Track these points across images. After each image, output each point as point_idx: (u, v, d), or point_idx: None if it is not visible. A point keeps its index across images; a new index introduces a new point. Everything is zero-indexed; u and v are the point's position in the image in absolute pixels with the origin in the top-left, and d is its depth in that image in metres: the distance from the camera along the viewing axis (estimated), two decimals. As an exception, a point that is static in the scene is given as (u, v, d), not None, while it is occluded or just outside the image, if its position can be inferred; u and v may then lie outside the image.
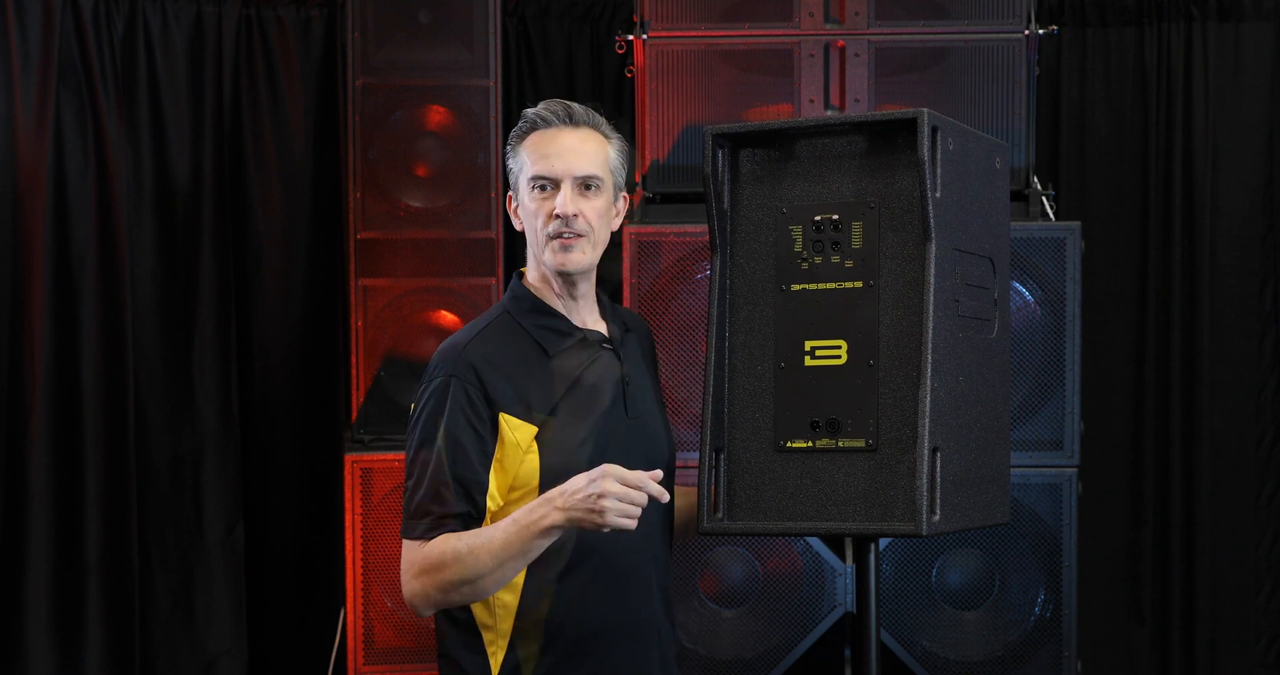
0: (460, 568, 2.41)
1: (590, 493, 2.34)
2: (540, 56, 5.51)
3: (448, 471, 2.46)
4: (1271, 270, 5.38)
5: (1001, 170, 2.69)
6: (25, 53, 4.94)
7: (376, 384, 4.72)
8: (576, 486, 2.37)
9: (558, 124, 2.59)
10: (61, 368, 4.98)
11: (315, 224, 5.30)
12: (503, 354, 2.53)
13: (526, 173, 2.59)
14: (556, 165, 2.56)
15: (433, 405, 2.50)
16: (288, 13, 5.27)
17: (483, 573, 2.41)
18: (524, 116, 2.62)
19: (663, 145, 4.47)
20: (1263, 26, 5.37)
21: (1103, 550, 5.32)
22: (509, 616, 2.50)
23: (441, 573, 2.43)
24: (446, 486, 2.46)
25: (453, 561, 2.42)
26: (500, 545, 2.40)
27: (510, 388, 2.50)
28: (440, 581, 2.43)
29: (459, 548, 2.42)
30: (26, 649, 4.92)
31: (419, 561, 2.45)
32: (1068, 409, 4.22)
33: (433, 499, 2.46)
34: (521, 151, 2.60)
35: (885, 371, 2.47)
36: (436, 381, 2.51)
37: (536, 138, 2.59)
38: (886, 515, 2.45)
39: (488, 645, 2.51)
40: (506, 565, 2.41)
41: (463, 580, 2.42)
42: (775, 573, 4.31)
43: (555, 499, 2.39)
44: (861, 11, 4.45)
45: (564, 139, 2.58)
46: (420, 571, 2.45)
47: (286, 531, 5.32)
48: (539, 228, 2.58)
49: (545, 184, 2.57)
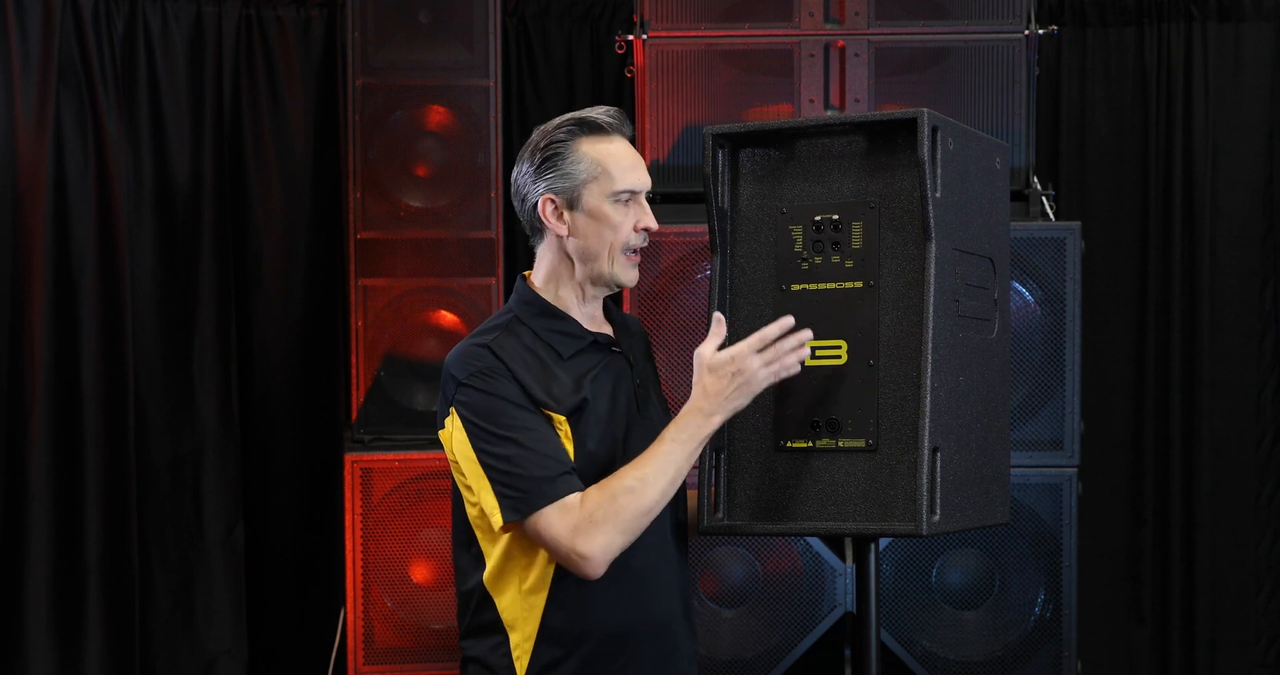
0: (638, 501, 2.40)
1: (738, 383, 2.41)
2: (540, 56, 5.51)
3: (536, 440, 2.43)
4: (1271, 270, 5.38)
5: (1001, 170, 2.69)
6: (25, 53, 4.94)
7: (376, 384, 4.72)
8: (717, 388, 2.41)
9: (621, 131, 2.55)
10: (61, 368, 4.99)
11: (315, 224, 5.30)
12: (521, 354, 2.51)
13: (610, 182, 2.51)
14: (642, 178, 2.54)
15: (483, 397, 2.46)
16: (288, 13, 5.27)
17: (660, 497, 2.42)
18: (584, 119, 2.53)
19: (663, 145, 4.47)
20: (1263, 26, 5.37)
21: (1103, 550, 5.32)
22: (535, 619, 2.49)
23: (621, 515, 2.39)
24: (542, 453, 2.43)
25: (628, 501, 2.40)
26: (672, 464, 2.42)
27: (538, 383, 2.49)
28: (622, 524, 2.40)
29: (629, 484, 2.41)
30: (26, 649, 4.93)
31: (584, 517, 2.40)
32: (1068, 409, 4.22)
33: (539, 466, 2.42)
34: (586, 157, 2.52)
35: (885, 371, 2.47)
36: (477, 378, 2.46)
37: (605, 144, 2.53)
38: (886, 515, 2.45)
39: (513, 648, 2.50)
40: (676, 481, 2.44)
41: (644, 512, 2.41)
42: (775, 573, 4.31)
43: (703, 406, 2.42)
44: (861, 11, 4.45)
45: (631, 148, 2.55)
46: (595, 525, 2.39)
47: (286, 531, 5.32)
48: (619, 240, 2.53)
49: (632, 195, 2.54)
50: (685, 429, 2.43)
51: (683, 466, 2.44)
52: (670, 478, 2.43)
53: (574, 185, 2.52)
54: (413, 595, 4.69)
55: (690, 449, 2.44)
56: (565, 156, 2.52)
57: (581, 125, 2.52)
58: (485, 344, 2.50)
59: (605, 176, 2.51)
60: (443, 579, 4.70)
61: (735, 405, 2.43)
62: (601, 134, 2.53)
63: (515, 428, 2.44)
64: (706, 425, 2.43)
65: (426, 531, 4.68)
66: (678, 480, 2.44)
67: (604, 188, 2.51)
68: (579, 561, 2.40)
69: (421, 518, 4.68)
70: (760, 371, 2.42)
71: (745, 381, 2.41)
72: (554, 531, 2.41)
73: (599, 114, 2.53)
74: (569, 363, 2.53)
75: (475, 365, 2.48)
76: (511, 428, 2.44)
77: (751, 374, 2.41)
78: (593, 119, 2.53)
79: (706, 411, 2.43)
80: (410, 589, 4.69)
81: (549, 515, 2.41)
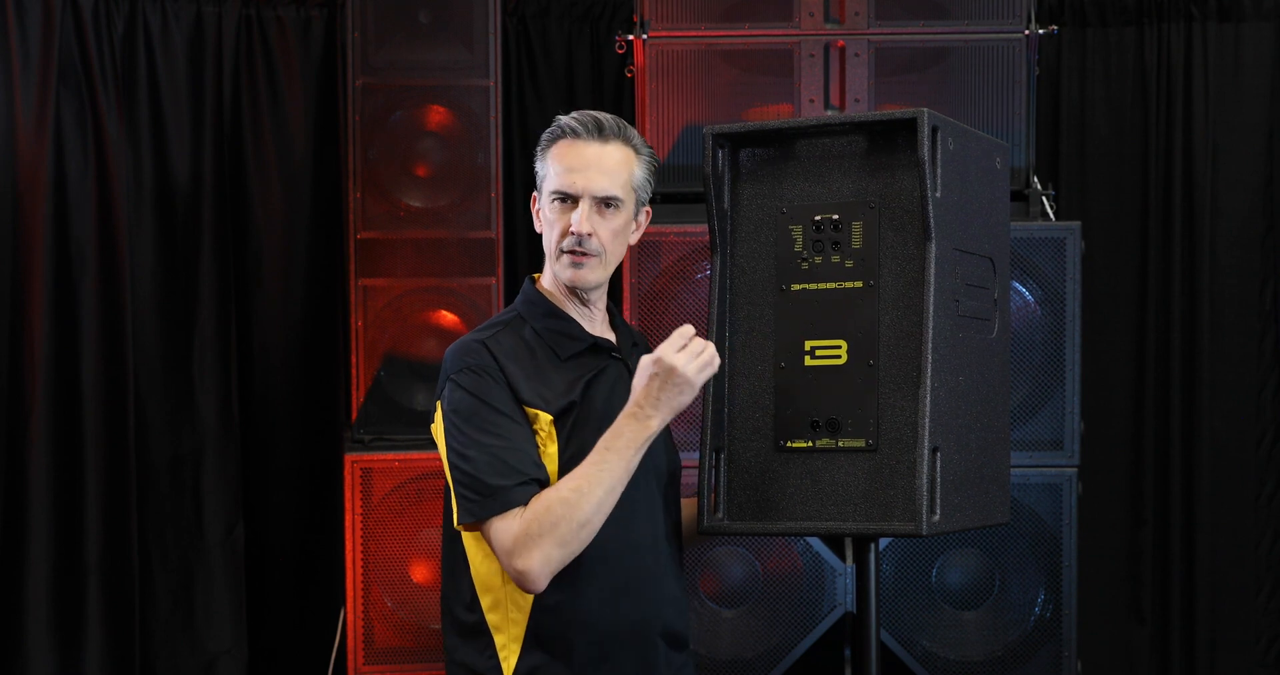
0: (574, 513, 2.38)
1: (669, 382, 2.40)
2: (540, 56, 5.51)
3: (505, 448, 2.43)
4: (1271, 270, 5.38)
5: (1001, 170, 2.69)
6: (25, 53, 4.94)
7: (376, 384, 4.72)
8: (647, 389, 2.41)
9: (585, 136, 2.55)
10: (61, 368, 4.98)
11: (315, 224, 5.30)
12: (518, 352, 2.53)
13: (549, 183, 2.56)
14: (578, 181, 2.53)
15: (466, 396, 2.47)
16: (288, 13, 5.27)
17: (596, 509, 2.39)
18: (556, 122, 2.58)
19: (663, 145, 4.47)
20: (1263, 26, 5.37)
21: (1103, 550, 5.32)
22: (522, 621, 2.49)
23: (557, 528, 2.37)
24: (507, 461, 2.42)
25: (564, 512, 2.38)
26: (609, 474, 2.39)
27: (528, 382, 2.50)
28: (559, 537, 2.38)
29: (563, 496, 2.39)
30: (26, 649, 4.92)
31: (521, 530, 2.38)
32: (1068, 409, 4.22)
33: (500, 474, 2.42)
34: (548, 159, 2.58)
35: (885, 371, 2.47)
36: (464, 375, 2.48)
37: (564, 148, 2.56)
38: (886, 515, 2.45)
39: (499, 650, 2.50)
40: (615, 491, 2.41)
41: (580, 524, 2.38)
42: (775, 573, 4.31)
43: (636, 411, 2.41)
44: (861, 11, 4.45)
45: (589, 153, 2.55)
46: (530, 538, 2.38)
47: (286, 531, 5.32)
48: (554, 240, 2.56)
49: (565, 197, 2.55)
50: (620, 436, 2.42)
51: (620, 476, 2.41)
52: (607, 487, 2.40)
53: (539, 185, 2.61)
54: (413, 595, 4.69)
55: (628, 456, 2.41)
56: (540, 158, 2.60)
57: (554, 128, 2.59)
58: (482, 340, 2.53)
59: (550, 177, 2.57)
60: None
61: (674, 404, 2.42)
62: (565, 138, 2.57)
63: (488, 433, 2.44)
64: (644, 429, 2.42)
65: (426, 531, 4.68)
66: (616, 490, 2.41)
67: (547, 188, 2.57)
68: (518, 577, 2.40)
69: (421, 518, 4.68)
70: (687, 366, 2.41)
71: (676, 380, 2.40)
72: (497, 542, 2.41)
73: (570, 117, 2.58)
74: (566, 364, 2.55)
75: (466, 361, 2.50)
76: (485, 432, 2.44)
77: (679, 370, 2.40)
78: (563, 122, 2.58)
79: (640, 416, 2.42)
80: (410, 589, 4.69)
81: (497, 525, 2.41)
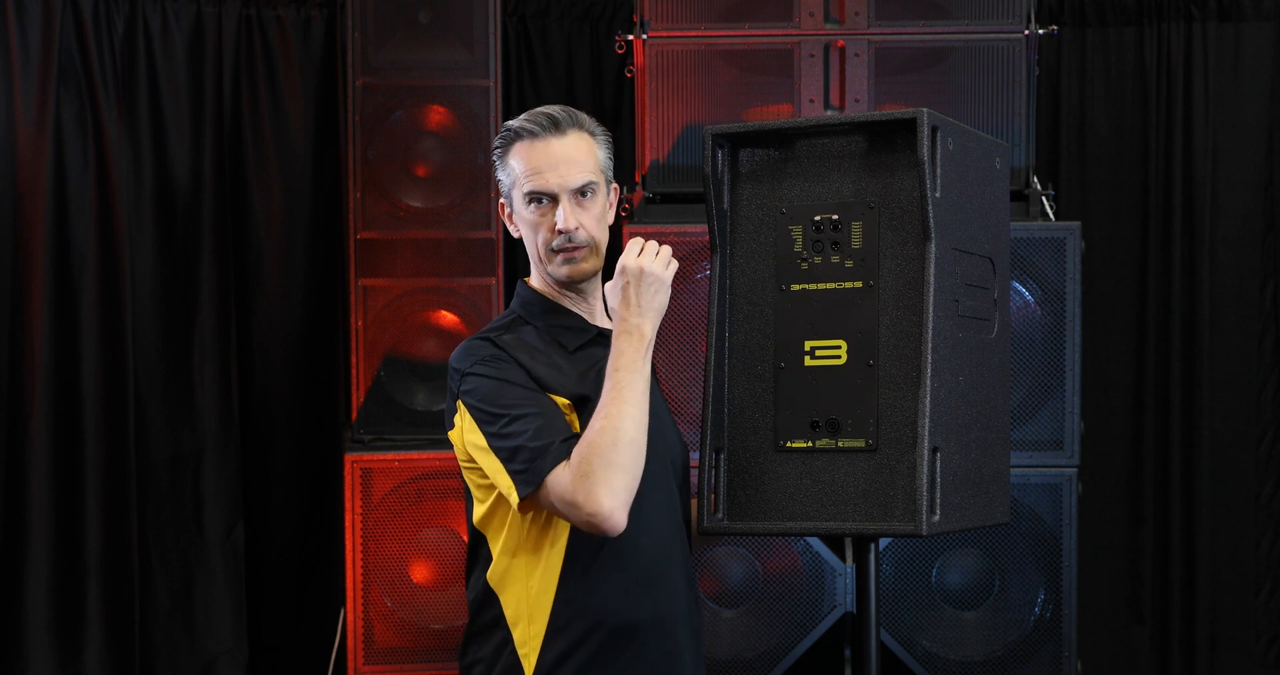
0: (616, 436, 2.38)
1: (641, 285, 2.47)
2: (540, 56, 5.51)
3: (540, 416, 2.44)
4: (1271, 270, 5.38)
5: (1001, 170, 2.69)
6: (25, 53, 4.94)
7: (376, 384, 4.72)
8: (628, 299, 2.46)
9: (544, 134, 2.56)
10: (61, 368, 4.99)
11: (315, 224, 5.30)
12: (525, 346, 2.55)
13: (521, 187, 2.57)
14: (551, 180, 2.54)
15: (486, 382, 2.48)
16: (288, 13, 5.27)
17: (634, 424, 2.40)
18: (506, 128, 2.59)
19: (663, 145, 4.47)
20: (1263, 26, 5.37)
21: (1102, 550, 5.32)
22: (543, 616, 2.49)
23: (606, 455, 2.37)
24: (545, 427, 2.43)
25: (606, 440, 2.38)
26: (628, 391, 2.41)
27: (543, 370, 2.51)
28: (612, 462, 2.37)
29: (598, 427, 2.39)
30: (26, 649, 4.93)
31: (575, 475, 2.37)
32: (1068, 409, 4.22)
33: (542, 436, 2.42)
34: (511, 163, 2.58)
35: (885, 371, 2.47)
36: (477, 368, 2.49)
37: (525, 150, 2.56)
38: (886, 515, 2.45)
39: (520, 646, 2.50)
40: (642, 403, 2.42)
41: (626, 443, 2.38)
42: (775, 573, 4.31)
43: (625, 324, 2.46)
44: (861, 11, 4.45)
45: (553, 149, 2.56)
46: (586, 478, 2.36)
47: (286, 531, 5.32)
48: (541, 242, 2.57)
49: (542, 198, 2.56)
50: (622, 354, 2.45)
51: (641, 388, 2.43)
52: (635, 402, 2.41)
53: (506, 191, 2.61)
54: (413, 595, 4.69)
55: (637, 368, 2.44)
56: (500, 164, 2.62)
57: (509, 132, 2.59)
58: (488, 338, 2.55)
59: (519, 181, 2.57)
60: (442, 579, 4.70)
61: (655, 305, 2.48)
62: (523, 139, 2.57)
63: (519, 404, 2.45)
64: (639, 337, 2.46)
65: (426, 531, 4.68)
66: (644, 403, 2.43)
67: (519, 191, 2.58)
68: (594, 524, 2.38)
69: (421, 518, 4.68)
70: (653, 265, 2.48)
71: (647, 281, 2.47)
72: (560, 499, 2.40)
73: (522, 119, 2.58)
74: (575, 356, 2.56)
75: (478, 355, 2.52)
76: (515, 405, 2.45)
77: (646, 270, 2.47)
78: (515, 126, 2.58)
79: (631, 325, 2.46)
80: (410, 589, 4.69)
81: (558, 476, 2.40)
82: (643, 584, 2.52)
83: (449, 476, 4.61)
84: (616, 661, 2.50)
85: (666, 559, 2.56)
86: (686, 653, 2.59)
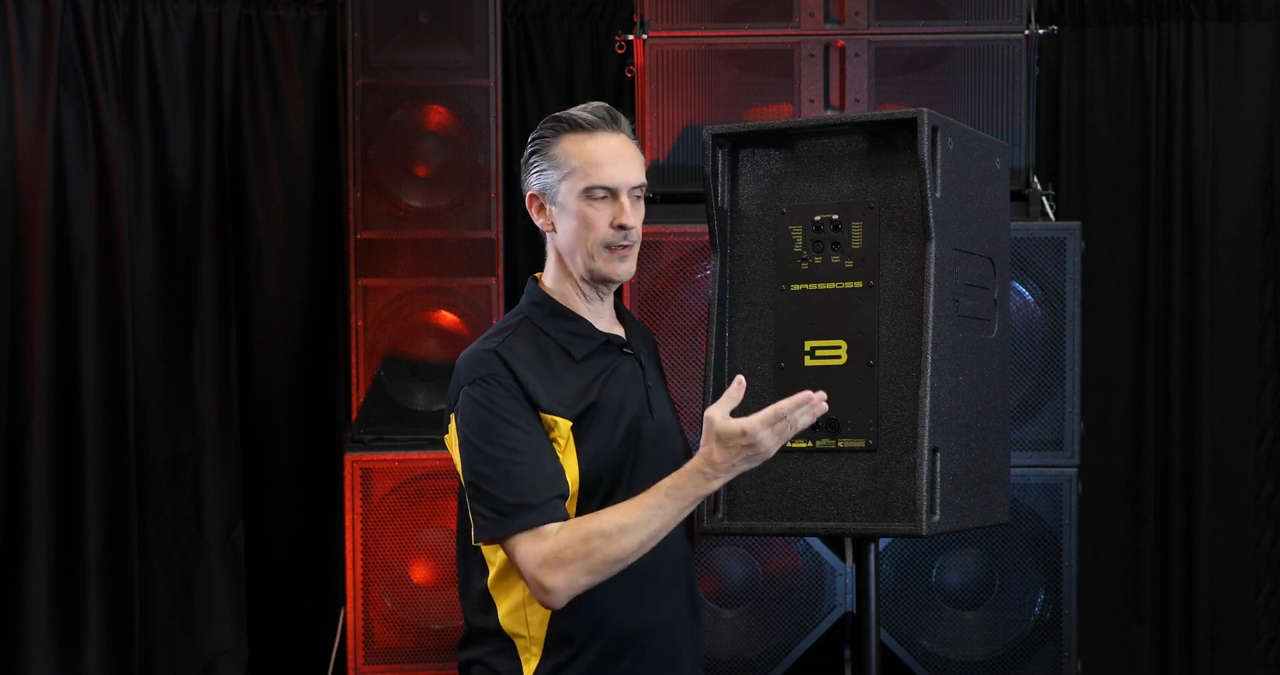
0: (612, 548, 2.37)
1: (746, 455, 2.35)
2: (540, 56, 5.51)
3: (521, 464, 2.42)
4: (1271, 270, 5.38)
5: (1001, 170, 2.69)
6: (25, 53, 4.94)
7: (376, 384, 4.72)
8: (724, 456, 2.35)
9: (605, 127, 2.52)
10: (61, 368, 4.99)
11: (315, 224, 5.30)
12: (532, 357, 2.50)
13: (581, 178, 2.50)
14: (616, 174, 2.50)
15: (478, 409, 2.45)
16: (288, 13, 5.27)
17: (637, 548, 2.38)
18: (564, 117, 2.53)
19: (663, 145, 4.47)
20: (1263, 26, 5.37)
21: (1102, 550, 5.32)
22: (543, 623, 2.49)
23: (591, 558, 2.36)
24: (526, 478, 2.41)
25: (602, 545, 2.36)
26: (658, 519, 2.37)
27: (544, 388, 2.47)
28: (591, 566, 2.37)
29: (606, 529, 2.37)
30: (26, 649, 4.93)
31: (552, 551, 2.37)
32: (1068, 409, 4.22)
33: (518, 492, 2.40)
34: (563, 154, 2.52)
35: (885, 371, 2.47)
36: (476, 387, 2.46)
37: (584, 141, 2.51)
38: (886, 515, 2.45)
39: (521, 652, 2.50)
40: (658, 536, 2.40)
41: (616, 560, 2.38)
42: (775, 573, 4.31)
43: (706, 471, 2.37)
44: (861, 11, 4.45)
45: (614, 144, 2.52)
46: (562, 562, 2.37)
47: (286, 531, 5.32)
48: (594, 236, 2.51)
49: (603, 192, 2.51)
50: (683, 487, 2.38)
51: (669, 523, 2.39)
52: (652, 532, 2.38)
53: (552, 182, 2.53)
54: (413, 595, 4.69)
55: (682, 506, 2.39)
56: (545, 154, 2.53)
57: (562, 123, 2.53)
58: (494, 348, 2.49)
59: (577, 173, 2.50)
60: (442, 579, 4.70)
61: (740, 471, 2.39)
62: (581, 131, 2.52)
63: (504, 448, 2.42)
64: (705, 487, 2.38)
65: (426, 531, 4.68)
66: (660, 534, 2.39)
67: (575, 184, 2.50)
68: (541, 594, 2.39)
69: (421, 518, 4.68)
70: (770, 441, 2.36)
71: (754, 454, 2.36)
72: (522, 559, 2.40)
73: (581, 111, 2.54)
74: (581, 365, 2.52)
75: (479, 372, 2.47)
76: (501, 447, 2.42)
77: (761, 447, 2.36)
78: (572, 116, 2.53)
79: (708, 476, 2.38)
80: (410, 589, 4.69)
81: (524, 544, 2.40)
82: (643, 590, 2.51)
83: (449, 476, 4.61)
84: (616, 667, 2.50)
85: (669, 565, 2.55)
86: (685, 660, 2.58)
